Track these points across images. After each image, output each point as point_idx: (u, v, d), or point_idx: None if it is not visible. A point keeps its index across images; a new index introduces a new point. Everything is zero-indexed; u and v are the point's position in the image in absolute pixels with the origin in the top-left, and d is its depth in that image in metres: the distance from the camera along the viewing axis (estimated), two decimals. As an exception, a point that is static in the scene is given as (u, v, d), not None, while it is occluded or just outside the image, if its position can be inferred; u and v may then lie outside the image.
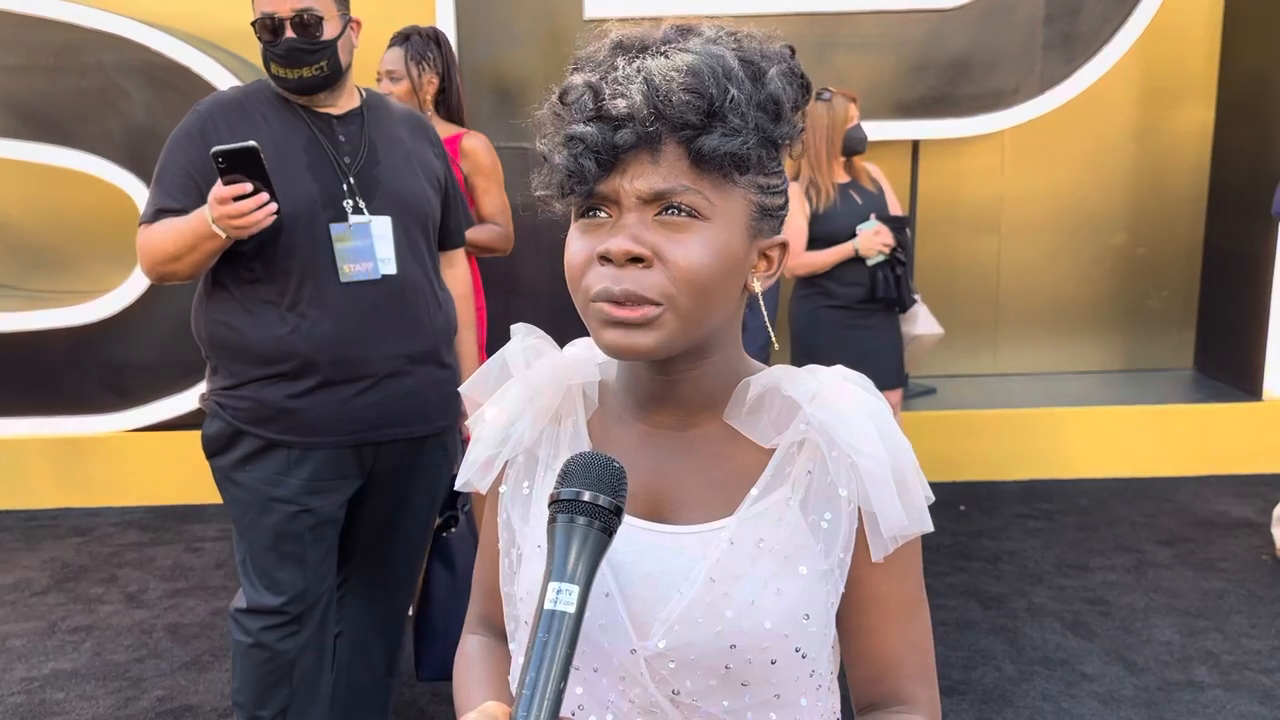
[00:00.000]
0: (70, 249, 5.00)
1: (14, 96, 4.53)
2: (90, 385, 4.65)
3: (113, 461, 4.66)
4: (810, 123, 3.61)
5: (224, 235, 2.03)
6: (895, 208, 3.79)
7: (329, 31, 2.14)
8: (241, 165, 1.98)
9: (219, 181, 1.99)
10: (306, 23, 2.10)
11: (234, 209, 1.98)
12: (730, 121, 0.84)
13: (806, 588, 0.90)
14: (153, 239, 2.12)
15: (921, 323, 4.02)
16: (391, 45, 3.31)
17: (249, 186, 1.98)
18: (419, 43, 3.27)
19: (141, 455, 4.65)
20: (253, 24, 2.14)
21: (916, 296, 4.00)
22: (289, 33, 2.10)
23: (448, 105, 3.36)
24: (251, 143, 1.98)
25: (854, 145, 3.68)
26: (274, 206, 2.02)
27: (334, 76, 2.18)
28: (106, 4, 4.48)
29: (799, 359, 3.71)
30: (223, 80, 4.25)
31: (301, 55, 2.12)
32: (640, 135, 0.83)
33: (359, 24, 2.26)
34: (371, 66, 3.46)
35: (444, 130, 3.16)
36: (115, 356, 4.61)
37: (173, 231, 2.08)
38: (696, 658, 0.89)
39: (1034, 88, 5.01)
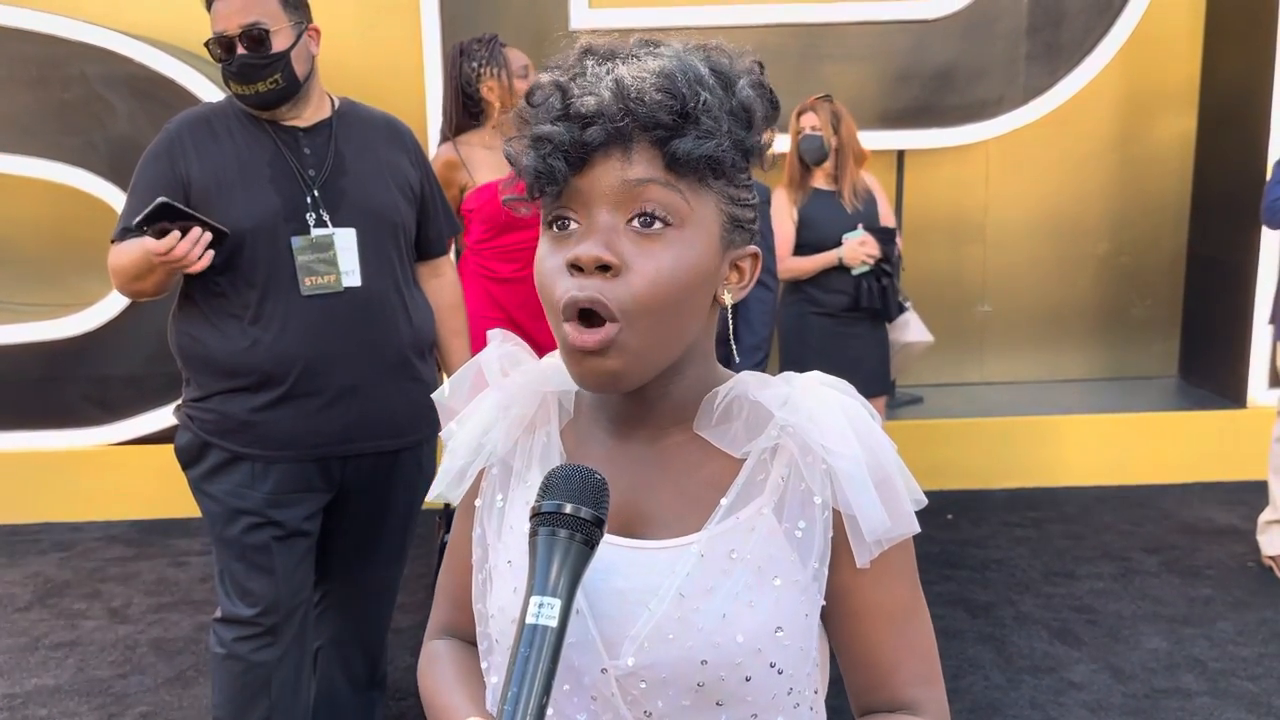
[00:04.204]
0: (53, 262, 4.96)
1: (-4, 109, 4.51)
2: (73, 399, 4.61)
3: (96, 475, 4.62)
4: None
5: None
6: (889, 219, 3.80)
7: (279, 44, 2.12)
8: (165, 217, 2.02)
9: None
10: (255, 37, 2.09)
11: (172, 256, 2.01)
12: (703, 124, 0.83)
13: (780, 599, 0.87)
14: (118, 259, 2.15)
15: (913, 330, 4.03)
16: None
17: (177, 235, 2.01)
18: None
19: (125, 469, 4.61)
20: (206, 44, 2.13)
21: (908, 305, 4.01)
22: (240, 49, 2.10)
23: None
24: (160, 199, 2.02)
25: (809, 155, 3.68)
26: (209, 237, 2.04)
27: (291, 89, 2.16)
28: (89, 16, 4.46)
29: (786, 364, 3.72)
30: (207, 92, 4.23)
31: (254, 70, 2.11)
32: (610, 133, 0.82)
33: (318, 32, 2.24)
34: (353, 75, 3.46)
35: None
36: (99, 369, 4.58)
37: (132, 254, 2.11)
38: (668, 676, 0.86)
39: (1018, 98, 5.04)
